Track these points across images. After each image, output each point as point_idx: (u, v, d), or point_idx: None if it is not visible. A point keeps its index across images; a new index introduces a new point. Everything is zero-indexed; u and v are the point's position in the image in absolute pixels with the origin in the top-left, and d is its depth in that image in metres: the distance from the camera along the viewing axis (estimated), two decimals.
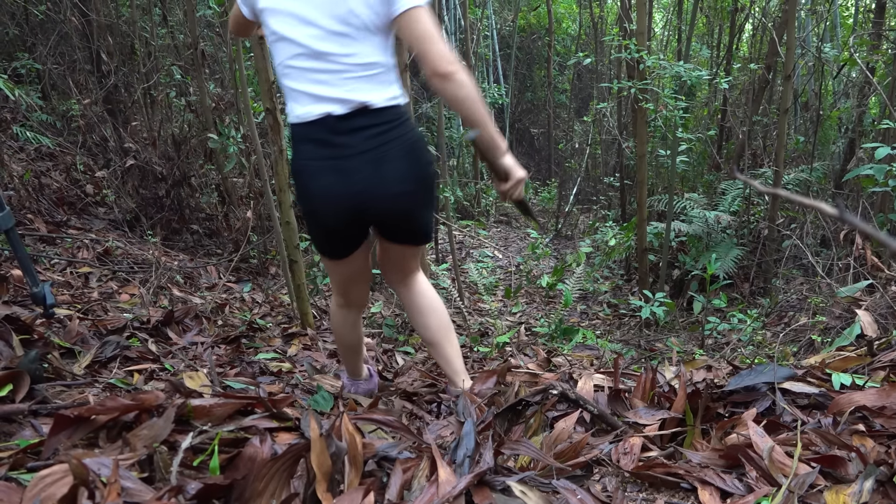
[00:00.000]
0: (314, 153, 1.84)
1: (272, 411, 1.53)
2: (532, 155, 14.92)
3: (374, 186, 1.83)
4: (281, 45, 1.81)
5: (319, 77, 1.79)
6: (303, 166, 1.87)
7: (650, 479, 1.42)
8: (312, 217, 1.94)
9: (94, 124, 5.29)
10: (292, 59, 1.80)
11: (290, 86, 1.84)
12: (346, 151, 1.81)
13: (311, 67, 1.79)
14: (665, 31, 11.76)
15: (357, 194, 1.83)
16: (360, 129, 1.81)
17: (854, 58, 5.02)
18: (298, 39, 1.78)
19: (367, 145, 1.81)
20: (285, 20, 1.78)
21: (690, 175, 7.78)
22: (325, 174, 1.83)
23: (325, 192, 1.84)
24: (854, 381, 1.80)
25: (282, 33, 1.79)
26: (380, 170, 1.82)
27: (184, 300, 3.51)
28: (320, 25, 1.76)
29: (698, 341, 4.28)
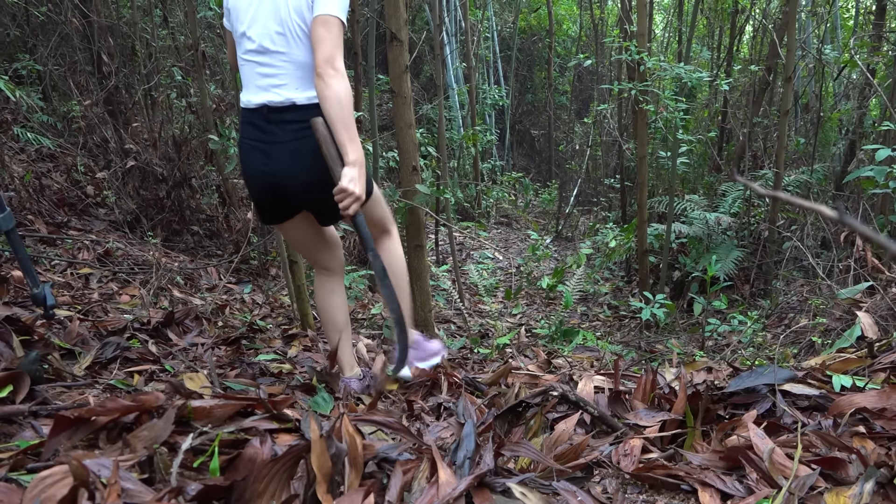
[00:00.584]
0: (250, 135, 2.17)
1: (272, 412, 1.53)
2: (532, 156, 14.92)
3: (287, 172, 2.15)
4: (241, 40, 2.14)
5: (264, 70, 2.11)
6: (241, 143, 2.22)
7: (650, 481, 1.41)
8: (248, 188, 2.29)
9: (95, 125, 5.29)
10: (247, 53, 2.13)
11: (244, 75, 2.17)
12: (271, 138, 2.14)
13: (259, 62, 2.11)
14: (665, 32, 11.77)
15: (274, 174, 2.16)
16: (287, 122, 2.12)
17: (854, 59, 5.03)
18: (252, 36, 2.10)
19: (287, 136, 2.12)
20: (244, 19, 2.10)
21: (691, 177, 7.78)
22: (255, 153, 2.17)
23: (252, 168, 2.20)
24: (854, 382, 1.80)
25: (241, 30, 2.11)
26: (294, 159, 2.13)
27: (184, 301, 3.51)
28: (267, 26, 2.07)
29: (699, 343, 4.28)
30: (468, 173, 9.84)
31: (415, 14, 11.04)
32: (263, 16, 2.06)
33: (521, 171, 12.70)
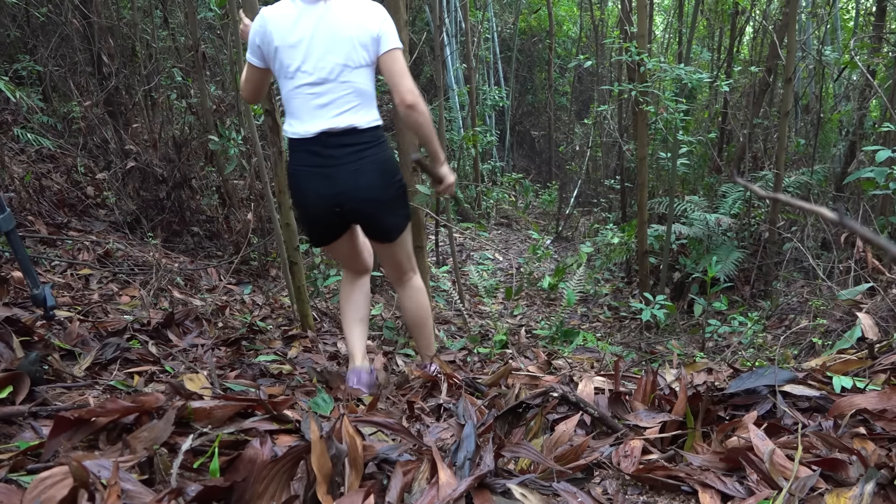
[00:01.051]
0: (307, 161, 2.32)
1: (272, 413, 1.53)
2: (533, 157, 14.93)
3: (350, 191, 2.31)
4: (293, 74, 2.26)
5: (322, 101, 2.26)
6: (295, 170, 2.35)
7: (651, 482, 1.41)
8: (303, 211, 2.43)
9: (95, 126, 5.29)
10: (301, 86, 2.26)
11: (295, 107, 2.30)
12: (332, 162, 2.30)
13: (315, 92, 2.26)
14: (666, 33, 11.77)
15: (337, 195, 2.32)
16: (346, 145, 2.30)
17: (855, 61, 5.03)
18: (307, 69, 2.25)
19: (348, 159, 2.30)
20: (296, 55, 2.24)
21: (691, 178, 7.78)
22: (314, 178, 2.32)
23: (313, 192, 2.34)
24: (855, 384, 1.80)
25: (295, 66, 2.25)
26: (356, 179, 2.31)
27: (184, 302, 3.51)
28: (325, 59, 2.24)
29: (699, 344, 4.28)
30: (468, 174, 9.84)
31: (415, 15, 11.04)
32: (320, 50, 2.23)
33: (522, 172, 12.70)
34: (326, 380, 2.55)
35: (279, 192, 3.07)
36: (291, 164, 2.36)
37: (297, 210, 2.50)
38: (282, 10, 2.27)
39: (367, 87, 2.31)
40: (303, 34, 2.23)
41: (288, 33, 2.24)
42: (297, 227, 3.19)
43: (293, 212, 2.82)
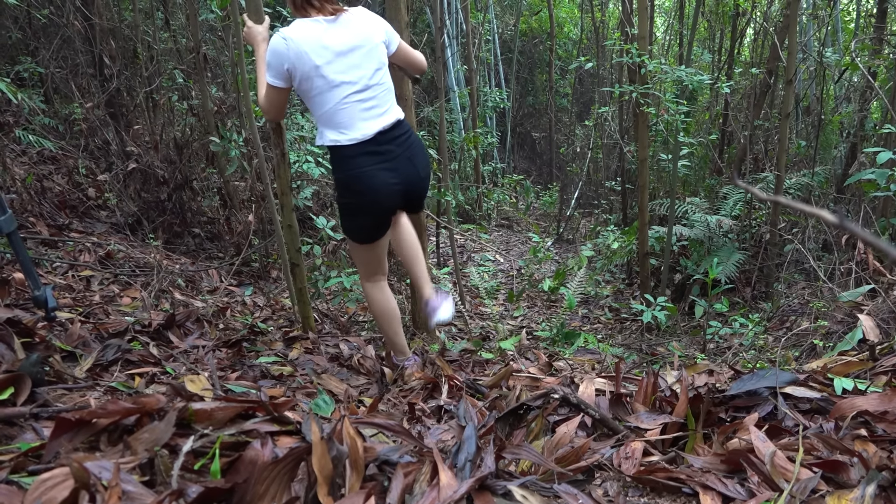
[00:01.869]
0: (370, 161, 2.53)
1: (273, 415, 1.53)
2: (534, 159, 14.93)
3: (414, 175, 2.65)
4: (337, 88, 2.45)
5: (369, 104, 2.51)
6: (361, 173, 2.53)
7: (652, 484, 1.41)
8: (374, 207, 2.61)
9: (97, 128, 5.30)
10: (349, 96, 2.47)
11: (345, 117, 2.49)
12: (390, 156, 2.56)
13: (363, 99, 2.49)
14: (667, 35, 11.78)
15: (404, 182, 2.62)
16: (396, 137, 2.58)
17: (856, 62, 5.03)
18: (352, 80, 2.47)
19: (401, 149, 2.60)
20: (338, 69, 2.44)
21: (692, 179, 7.78)
22: (380, 174, 2.54)
23: (383, 185, 2.56)
24: (856, 385, 1.80)
25: (340, 79, 2.45)
26: (413, 163, 2.64)
27: (185, 304, 3.51)
28: (365, 67, 2.49)
29: (700, 345, 4.28)
30: (469, 176, 9.85)
31: (416, 17, 11.05)
32: (358, 60, 2.47)
33: (522, 174, 12.71)
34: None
35: (281, 194, 3.07)
36: (352, 170, 2.53)
37: (360, 212, 2.64)
38: (308, 30, 2.41)
39: (391, 83, 2.64)
40: (339, 48, 2.43)
41: (324, 50, 2.41)
42: (298, 229, 3.20)
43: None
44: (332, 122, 2.49)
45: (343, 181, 2.58)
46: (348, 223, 2.73)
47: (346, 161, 2.52)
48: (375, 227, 2.69)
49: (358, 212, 2.64)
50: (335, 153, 2.55)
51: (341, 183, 2.60)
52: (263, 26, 2.72)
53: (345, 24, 2.46)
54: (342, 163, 2.54)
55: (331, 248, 5.27)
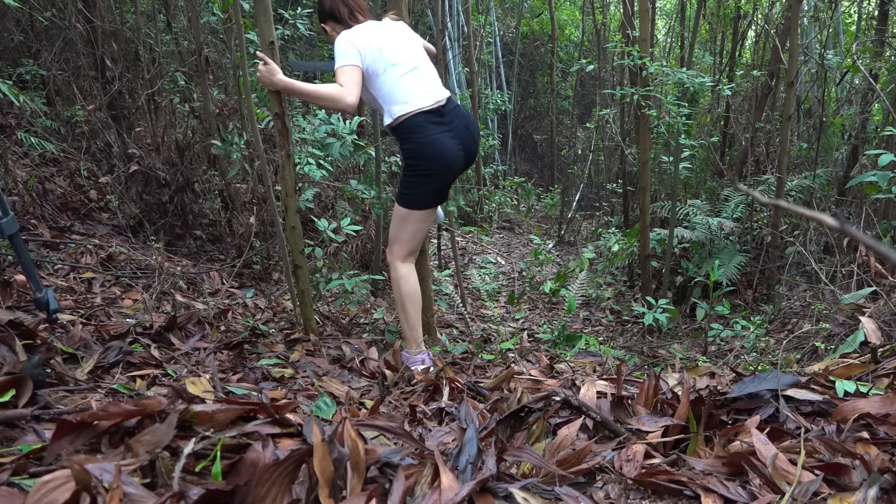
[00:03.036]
0: (437, 129, 2.93)
1: (274, 417, 1.53)
2: (535, 161, 14.93)
3: (471, 140, 3.08)
4: (396, 67, 2.92)
5: (423, 80, 2.99)
6: (433, 139, 2.92)
7: (653, 487, 1.41)
8: (446, 170, 2.99)
9: (98, 130, 5.31)
10: (407, 73, 2.93)
11: (406, 90, 2.91)
12: (451, 125, 2.98)
13: (417, 75, 2.97)
14: (668, 37, 11.78)
15: (465, 146, 3.03)
16: (450, 110, 3.01)
17: (857, 65, 5.03)
18: (408, 61, 2.97)
19: (457, 119, 3.02)
20: (397, 52, 2.95)
21: (693, 181, 7.77)
22: (448, 140, 2.95)
23: (451, 150, 2.96)
24: (858, 388, 1.79)
25: (398, 60, 2.94)
26: (469, 130, 3.07)
27: (187, 305, 3.52)
28: (415, 52, 3.03)
29: (701, 348, 4.28)
30: (470, 178, 9.84)
31: (417, 19, 11.06)
32: (409, 47, 3.01)
33: (524, 176, 12.71)
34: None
35: (284, 195, 3.07)
36: (423, 137, 2.91)
37: (433, 176, 2.97)
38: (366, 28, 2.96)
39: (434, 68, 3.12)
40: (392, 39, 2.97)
41: (381, 40, 2.92)
42: (301, 230, 3.20)
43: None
44: (395, 97, 2.90)
45: (416, 149, 2.94)
46: (416, 189, 3.01)
47: (418, 129, 2.91)
48: (441, 192, 3.05)
49: (428, 176, 2.97)
50: (405, 125, 2.92)
51: (414, 151, 2.95)
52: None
53: (391, 25, 3.04)
54: (414, 131, 2.91)
55: (332, 251, 5.27)
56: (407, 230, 3.07)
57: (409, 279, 3.10)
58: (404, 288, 3.09)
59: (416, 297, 3.13)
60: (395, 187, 6.81)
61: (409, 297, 3.10)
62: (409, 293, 3.10)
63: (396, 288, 3.13)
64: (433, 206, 3.07)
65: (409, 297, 3.10)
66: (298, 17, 5.58)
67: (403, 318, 3.13)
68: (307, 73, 8.47)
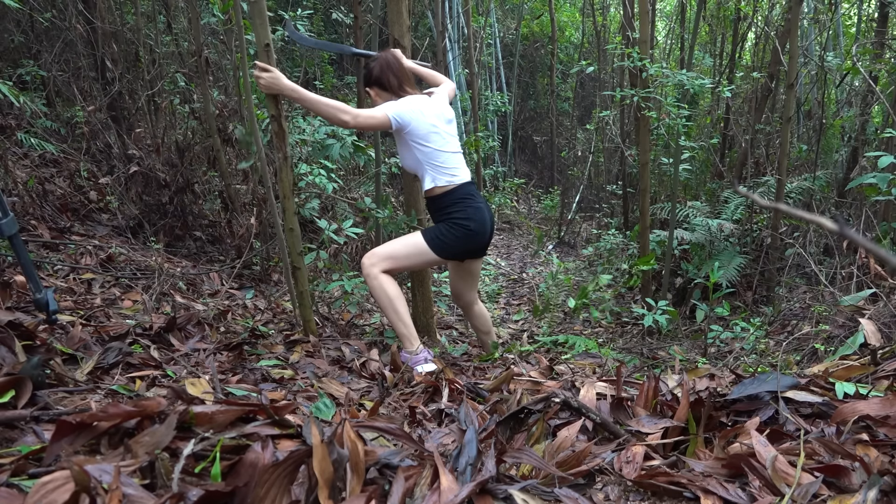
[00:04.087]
0: (479, 200, 3.25)
1: (274, 418, 1.53)
2: (535, 163, 14.94)
3: (491, 219, 3.31)
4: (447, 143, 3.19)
5: (461, 158, 3.30)
6: (479, 206, 3.22)
7: (653, 488, 1.41)
8: (483, 236, 3.25)
9: (98, 131, 5.31)
10: (454, 148, 3.24)
11: (453, 164, 3.21)
12: (481, 201, 3.26)
13: (459, 154, 3.27)
14: (668, 39, 11.79)
15: (490, 222, 3.30)
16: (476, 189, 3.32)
17: (857, 66, 5.03)
18: (453, 139, 3.26)
19: (483, 198, 3.30)
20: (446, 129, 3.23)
21: (693, 183, 7.78)
22: (485, 211, 3.24)
23: (487, 220, 3.24)
24: (858, 390, 1.79)
25: (447, 137, 3.21)
26: (489, 210, 3.30)
27: (186, 307, 3.52)
28: (455, 131, 3.32)
29: (701, 350, 4.27)
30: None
31: (418, 20, 11.07)
32: (453, 126, 3.29)
33: (524, 178, 12.71)
34: None
35: (283, 197, 3.07)
36: (472, 204, 3.19)
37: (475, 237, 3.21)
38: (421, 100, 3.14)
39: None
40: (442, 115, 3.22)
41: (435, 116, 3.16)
42: (300, 232, 3.20)
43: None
44: (447, 166, 3.16)
45: (468, 212, 3.17)
46: (456, 244, 3.20)
47: (467, 198, 3.19)
48: (472, 252, 3.31)
49: (471, 238, 3.20)
50: (451, 194, 3.18)
51: (466, 213, 3.17)
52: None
53: (440, 101, 3.26)
54: (462, 200, 3.18)
55: (332, 252, 5.27)
56: (413, 261, 3.23)
57: (389, 282, 3.17)
58: (390, 291, 3.15)
59: (401, 296, 3.19)
60: (396, 189, 6.77)
61: (397, 298, 3.16)
62: (396, 294, 3.16)
63: (382, 294, 3.16)
64: (459, 258, 3.33)
65: (397, 298, 3.16)
66: (298, 18, 5.59)
67: (396, 318, 3.16)
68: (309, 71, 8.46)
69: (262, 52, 2.85)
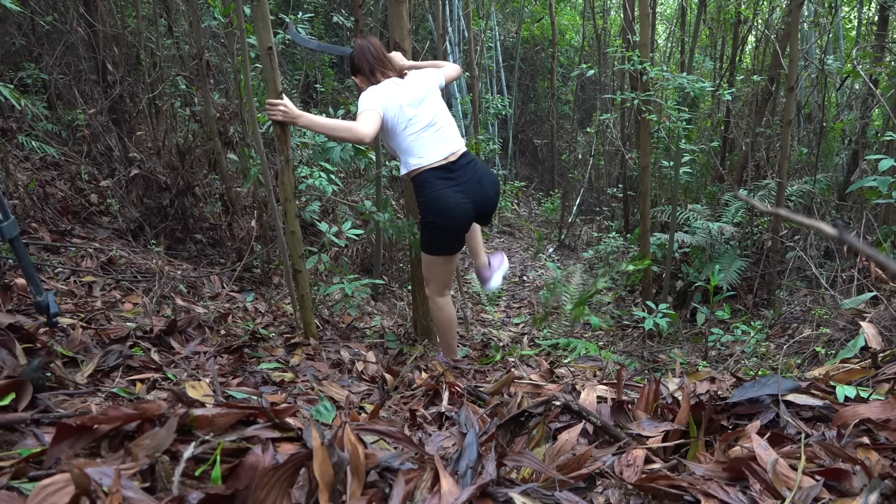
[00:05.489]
0: (443, 184, 3.13)
1: (274, 421, 1.53)
2: (535, 165, 14.94)
3: (482, 194, 3.23)
4: (413, 124, 3.13)
5: (437, 136, 3.17)
6: (439, 194, 3.12)
7: (653, 492, 1.41)
8: (452, 223, 3.17)
9: (99, 134, 5.31)
10: (422, 130, 3.14)
11: (421, 146, 3.13)
12: (461, 180, 3.17)
13: (432, 132, 3.16)
14: (668, 42, 11.80)
15: (474, 201, 3.20)
16: (464, 165, 3.21)
17: (857, 70, 5.03)
18: (423, 118, 3.15)
19: (470, 174, 3.21)
20: (414, 110, 3.15)
21: (694, 186, 7.78)
22: (455, 194, 3.14)
23: (458, 204, 3.14)
24: (858, 393, 1.79)
25: (414, 118, 3.13)
26: (482, 185, 3.23)
27: (187, 309, 3.52)
28: (430, 109, 3.19)
29: (702, 353, 4.27)
30: None
31: (418, 24, 11.08)
32: (425, 105, 3.18)
33: (524, 181, 12.72)
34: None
35: (283, 200, 3.07)
36: (431, 192, 3.12)
37: (442, 230, 3.20)
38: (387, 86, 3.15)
39: (453, 121, 3.30)
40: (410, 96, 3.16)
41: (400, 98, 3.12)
42: (301, 235, 3.20)
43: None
44: (411, 152, 3.13)
45: (425, 203, 3.16)
46: (430, 239, 3.26)
47: (427, 185, 3.13)
48: (454, 241, 3.27)
49: (437, 229, 3.20)
50: (416, 179, 3.17)
51: (424, 206, 3.17)
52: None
53: (410, 82, 3.20)
54: (423, 186, 3.14)
55: (333, 255, 5.27)
56: (434, 272, 3.39)
57: (447, 311, 3.45)
58: (443, 318, 3.45)
59: (454, 322, 3.50)
60: (396, 192, 6.78)
61: (451, 324, 3.47)
62: (451, 320, 3.46)
63: (438, 318, 3.48)
64: (449, 253, 3.32)
65: (451, 324, 3.47)
66: (299, 21, 5.59)
67: (446, 339, 3.51)
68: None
69: (264, 56, 2.85)
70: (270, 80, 2.90)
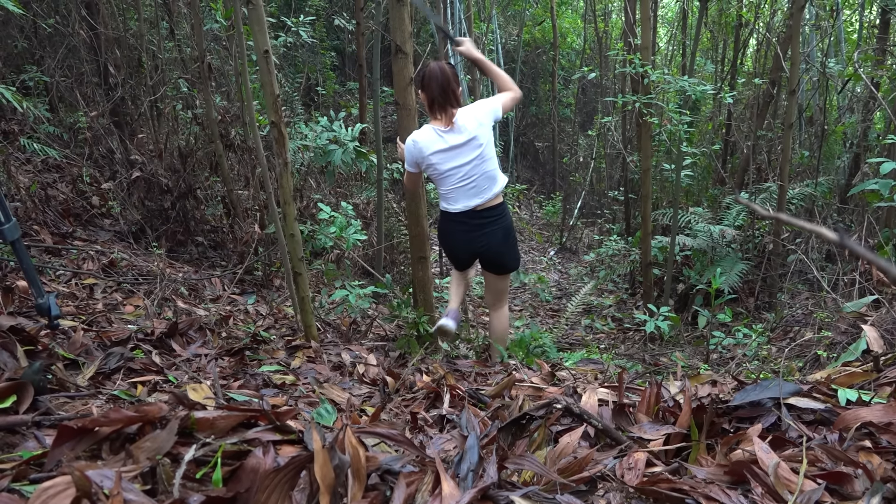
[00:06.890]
0: (455, 227, 3.47)
1: (275, 424, 1.53)
2: (536, 168, 14.94)
3: (483, 246, 3.48)
4: (448, 177, 3.34)
5: (470, 189, 3.35)
6: (446, 232, 3.54)
7: (655, 495, 1.40)
8: (451, 252, 3.66)
9: (101, 136, 5.32)
10: (456, 182, 3.34)
11: (453, 195, 3.38)
12: (471, 227, 3.43)
13: (465, 185, 3.34)
14: (669, 45, 11.81)
15: (475, 249, 3.51)
16: (486, 217, 3.42)
17: (858, 73, 5.03)
18: (457, 172, 3.31)
19: (485, 226, 3.43)
20: (450, 163, 3.30)
21: (695, 189, 7.78)
22: (460, 236, 3.49)
23: (458, 244, 3.54)
24: (860, 396, 1.79)
25: (449, 171, 3.32)
26: (488, 238, 3.45)
27: (188, 312, 3.52)
28: (467, 160, 3.29)
29: (703, 356, 4.27)
30: None
31: (419, 27, 11.10)
32: (462, 156, 3.28)
33: (526, 183, 12.72)
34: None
35: (283, 203, 3.08)
36: (443, 228, 3.54)
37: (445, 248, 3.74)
38: (428, 137, 3.29)
39: (494, 164, 3.38)
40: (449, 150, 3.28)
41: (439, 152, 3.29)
42: (301, 238, 3.20)
43: (297, 222, 3.15)
44: (444, 197, 3.44)
45: (438, 228, 3.63)
46: (444, 246, 3.76)
47: (444, 222, 3.52)
48: (457, 264, 3.74)
49: (447, 251, 3.73)
50: (441, 214, 3.52)
51: (437, 228, 3.65)
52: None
53: (455, 130, 3.26)
54: (442, 222, 3.54)
55: (334, 258, 5.27)
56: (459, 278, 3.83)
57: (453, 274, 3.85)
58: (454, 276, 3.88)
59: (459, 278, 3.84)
60: (398, 194, 6.76)
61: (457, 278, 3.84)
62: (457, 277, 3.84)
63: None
64: (455, 267, 3.77)
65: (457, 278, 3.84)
66: (301, 24, 5.60)
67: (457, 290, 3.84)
68: None
69: (261, 59, 2.86)
70: (267, 83, 2.90)
